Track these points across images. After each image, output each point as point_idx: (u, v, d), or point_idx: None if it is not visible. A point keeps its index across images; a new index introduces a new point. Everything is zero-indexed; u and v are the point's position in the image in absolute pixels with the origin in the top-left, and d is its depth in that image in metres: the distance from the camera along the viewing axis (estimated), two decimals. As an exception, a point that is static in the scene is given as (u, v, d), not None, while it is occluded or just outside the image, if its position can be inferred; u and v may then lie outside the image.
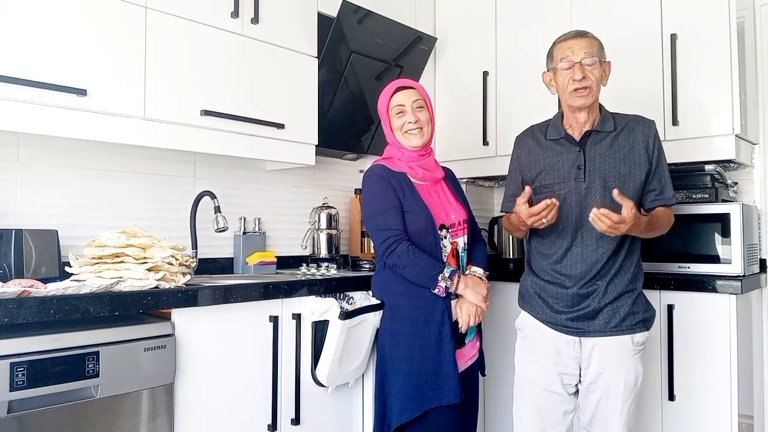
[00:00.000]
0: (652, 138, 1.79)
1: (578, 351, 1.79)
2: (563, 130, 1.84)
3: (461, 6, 2.97)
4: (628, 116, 1.85)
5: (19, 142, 1.93)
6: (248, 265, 2.43)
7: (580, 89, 1.75)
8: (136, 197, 2.21)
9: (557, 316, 1.80)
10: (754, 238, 2.38)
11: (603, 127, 1.80)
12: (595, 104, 1.82)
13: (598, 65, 1.77)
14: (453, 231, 1.98)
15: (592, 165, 1.78)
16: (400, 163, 1.96)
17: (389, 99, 1.97)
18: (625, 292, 1.77)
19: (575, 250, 1.79)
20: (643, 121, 1.83)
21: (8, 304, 1.35)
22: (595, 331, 1.76)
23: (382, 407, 1.90)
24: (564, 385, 1.82)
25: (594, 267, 1.76)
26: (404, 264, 1.85)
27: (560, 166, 1.82)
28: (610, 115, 1.84)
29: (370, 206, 1.93)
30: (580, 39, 1.78)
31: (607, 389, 1.76)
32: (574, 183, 1.79)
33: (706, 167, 2.33)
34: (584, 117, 1.81)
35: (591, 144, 1.80)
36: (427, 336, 1.87)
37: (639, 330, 1.77)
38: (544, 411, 1.83)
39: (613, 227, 1.60)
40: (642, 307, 1.79)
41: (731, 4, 2.19)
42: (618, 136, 1.80)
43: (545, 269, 1.85)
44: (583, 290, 1.77)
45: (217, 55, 2.10)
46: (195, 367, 1.71)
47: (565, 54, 1.78)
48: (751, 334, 2.40)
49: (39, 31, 1.69)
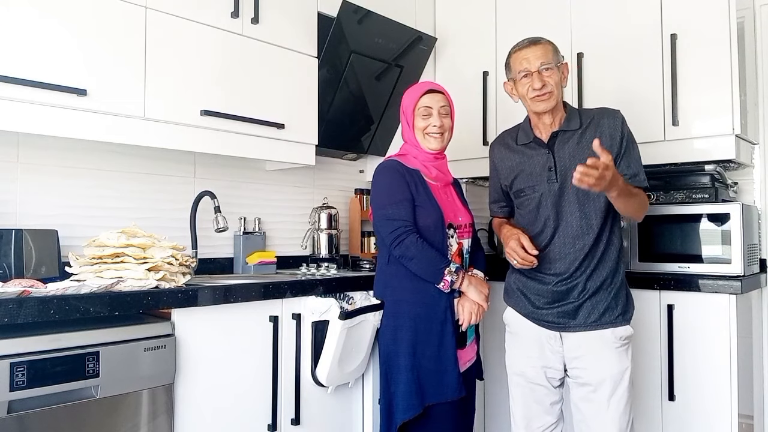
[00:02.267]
0: (618, 127, 1.81)
1: (560, 346, 1.83)
2: (532, 134, 1.89)
3: (461, 6, 2.97)
4: (593, 111, 1.89)
5: (19, 142, 1.93)
6: (248, 265, 2.43)
7: (541, 95, 1.80)
8: (136, 197, 2.21)
9: (538, 312, 1.85)
10: (754, 238, 2.38)
11: (569, 126, 1.84)
12: (559, 105, 1.85)
13: (555, 70, 1.81)
14: (460, 232, 1.99)
15: (562, 164, 1.82)
16: (415, 161, 1.97)
17: (418, 99, 1.97)
18: (604, 287, 1.80)
19: (553, 248, 1.83)
20: (608, 113, 1.85)
21: (8, 304, 1.35)
22: (575, 326, 1.80)
23: (389, 406, 1.89)
24: (548, 378, 1.87)
25: (572, 264, 1.80)
26: (412, 255, 1.85)
27: (532, 169, 1.87)
28: (576, 112, 1.87)
29: (382, 196, 1.93)
30: (534, 47, 1.82)
31: (593, 384, 1.78)
32: (547, 184, 1.83)
33: (706, 167, 2.33)
34: (549, 119, 1.85)
35: (559, 144, 1.84)
36: (429, 332, 1.87)
37: (619, 324, 1.79)
38: (531, 402, 1.90)
39: (601, 176, 1.55)
40: (621, 301, 1.82)
41: (731, 4, 2.19)
42: (585, 132, 1.82)
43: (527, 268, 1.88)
44: (562, 287, 1.81)
45: (217, 55, 2.10)
46: (195, 367, 1.71)
47: (522, 65, 1.82)
48: (751, 334, 2.40)
49: (39, 31, 1.69)
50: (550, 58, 1.81)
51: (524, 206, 1.91)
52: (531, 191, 1.86)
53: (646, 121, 2.29)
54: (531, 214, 1.88)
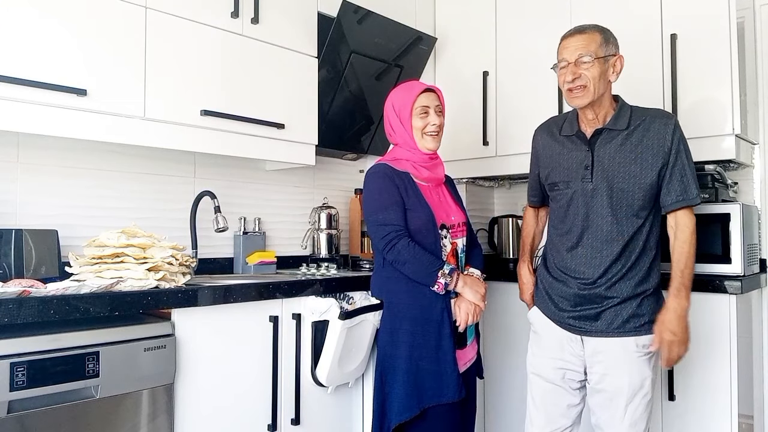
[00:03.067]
0: (670, 134, 1.70)
1: (580, 350, 1.79)
2: (577, 126, 1.81)
3: (461, 6, 2.97)
4: (647, 111, 1.77)
5: (19, 142, 1.93)
6: (248, 265, 2.43)
7: (575, 89, 1.71)
8: (136, 197, 2.21)
9: (561, 314, 1.81)
10: (754, 238, 2.38)
11: (615, 125, 1.74)
12: (601, 101, 1.74)
13: (596, 63, 1.69)
14: (453, 232, 1.98)
15: (600, 165, 1.74)
16: (405, 164, 1.96)
17: (415, 98, 1.94)
18: (633, 296, 1.73)
19: (580, 250, 1.78)
20: (661, 116, 1.74)
21: (8, 304, 1.35)
22: (596, 332, 1.75)
23: (381, 407, 1.89)
24: (566, 380, 1.83)
25: (598, 269, 1.74)
26: (405, 259, 1.84)
27: (569, 165, 1.80)
28: (628, 110, 1.77)
29: (372, 202, 1.92)
30: (579, 36, 1.73)
31: (611, 391, 1.74)
32: (581, 183, 1.77)
33: (706, 167, 2.33)
34: (591, 115, 1.76)
35: (601, 143, 1.75)
36: (426, 334, 1.87)
37: (643, 332, 1.72)
38: (548, 403, 1.85)
39: (678, 353, 1.68)
40: (649, 309, 1.73)
41: (731, 4, 2.19)
42: (632, 134, 1.73)
43: (554, 265, 1.86)
44: (586, 291, 1.76)
45: (217, 55, 2.10)
46: (195, 367, 1.71)
47: (562, 54, 1.75)
48: (751, 334, 2.40)
49: (39, 31, 1.69)
50: (593, 49, 1.69)
51: (556, 200, 1.85)
52: (564, 186, 1.80)
53: (646, 121, 2.29)
54: (561, 210, 1.82)
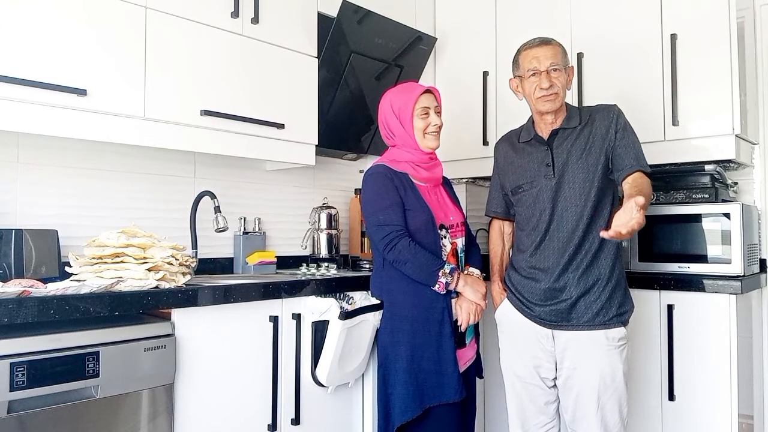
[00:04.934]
0: (614, 120, 1.84)
1: (552, 345, 1.84)
2: (533, 132, 1.93)
3: (461, 6, 2.97)
4: (592, 107, 1.93)
5: (19, 142, 1.93)
6: (248, 265, 2.43)
7: (548, 95, 1.83)
8: (136, 197, 2.21)
9: (533, 308, 1.86)
10: (754, 238, 2.38)
11: (569, 124, 1.88)
12: (562, 106, 1.89)
13: (563, 72, 1.85)
14: (452, 232, 1.99)
15: (560, 161, 1.86)
16: (403, 164, 1.96)
17: (416, 99, 1.95)
18: (598, 285, 1.80)
19: (547, 243, 1.85)
20: (604, 108, 1.89)
21: (8, 304, 1.35)
22: (567, 325, 1.81)
23: (385, 408, 1.89)
24: (542, 378, 1.88)
25: (563, 258, 1.81)
26: (405, 259, 1.85)
27: (531, 166, 1.92)
28: (576, 110, 1.91)
29: (372, 202, 1.92)
30: (545, 47, 1.85)
31: (583, 385, 1.79)
32: (545, 180, 1.87)
33: (706, 167, 2.33)
34: (551, 118, 1.89)
35: (558, 141, 1.88)
36: (427, 334, 1.87)
37: (613, 325, 1.79)
38: (525, 400, 1.92)
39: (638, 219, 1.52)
40: (617, 301, 1.82)
41: (731, 4, 2.19)
42: (583, 129, 1.86)
43: (522, 265, 1.92)
44: (555, 284, 1.82)
45: (217, 55, 2.10)
46: (195, 367, 1.71)
47: (532, 64, 1.85)
48: (751, 334, 2.40)
49: (39, 31, 1.69)
50: (559, 60, 1.84)
51: (521, 203, 1.93)
52: (529, 187, 1.90)
53: (646, 121, 2.29)
54: (528, 210, 1.91)
